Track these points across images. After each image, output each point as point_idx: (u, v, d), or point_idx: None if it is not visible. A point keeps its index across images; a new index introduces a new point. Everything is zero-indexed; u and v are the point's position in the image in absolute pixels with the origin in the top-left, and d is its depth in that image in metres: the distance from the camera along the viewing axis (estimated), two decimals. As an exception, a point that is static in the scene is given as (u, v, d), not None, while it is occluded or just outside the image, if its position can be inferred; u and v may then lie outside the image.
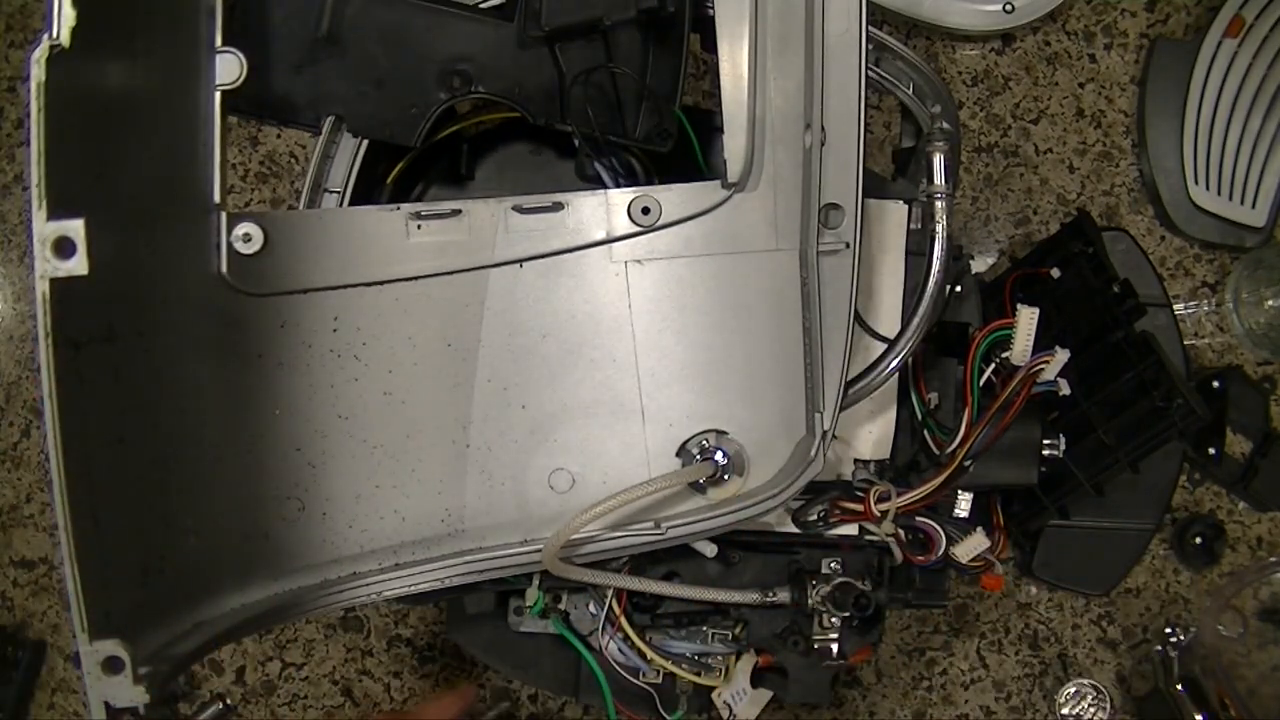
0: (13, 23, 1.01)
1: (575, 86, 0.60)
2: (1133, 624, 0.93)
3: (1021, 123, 0.96)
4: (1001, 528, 0.76)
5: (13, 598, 0.97)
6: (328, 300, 0.57)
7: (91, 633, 0.45)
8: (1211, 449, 0.89)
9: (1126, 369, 0.78)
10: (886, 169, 0.77)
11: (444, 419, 0.59)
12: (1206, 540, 0.91)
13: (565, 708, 0.94)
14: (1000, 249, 0.96)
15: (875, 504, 0.63)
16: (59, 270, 0.43)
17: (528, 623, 0.68)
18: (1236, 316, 0.92)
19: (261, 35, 0.59)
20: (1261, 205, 0.92)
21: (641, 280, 0.58)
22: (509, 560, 0.58)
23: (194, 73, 0.53)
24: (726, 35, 0.56)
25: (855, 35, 0.53)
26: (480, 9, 0.62)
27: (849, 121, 0.54)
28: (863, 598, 0.65)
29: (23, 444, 0.98)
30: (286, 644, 0.96)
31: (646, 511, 0.58)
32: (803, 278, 0.56)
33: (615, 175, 0.63)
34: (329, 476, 0.58)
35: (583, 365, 0.59)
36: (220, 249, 0.54)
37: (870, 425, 0.65)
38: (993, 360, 0.65)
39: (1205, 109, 0.92)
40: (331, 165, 0.62)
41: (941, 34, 0.96)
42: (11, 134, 1.00)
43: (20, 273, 1.00)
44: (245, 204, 0.99)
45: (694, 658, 0.68)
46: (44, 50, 0.43)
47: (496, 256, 0.58)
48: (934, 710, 0.93)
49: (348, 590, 0.58)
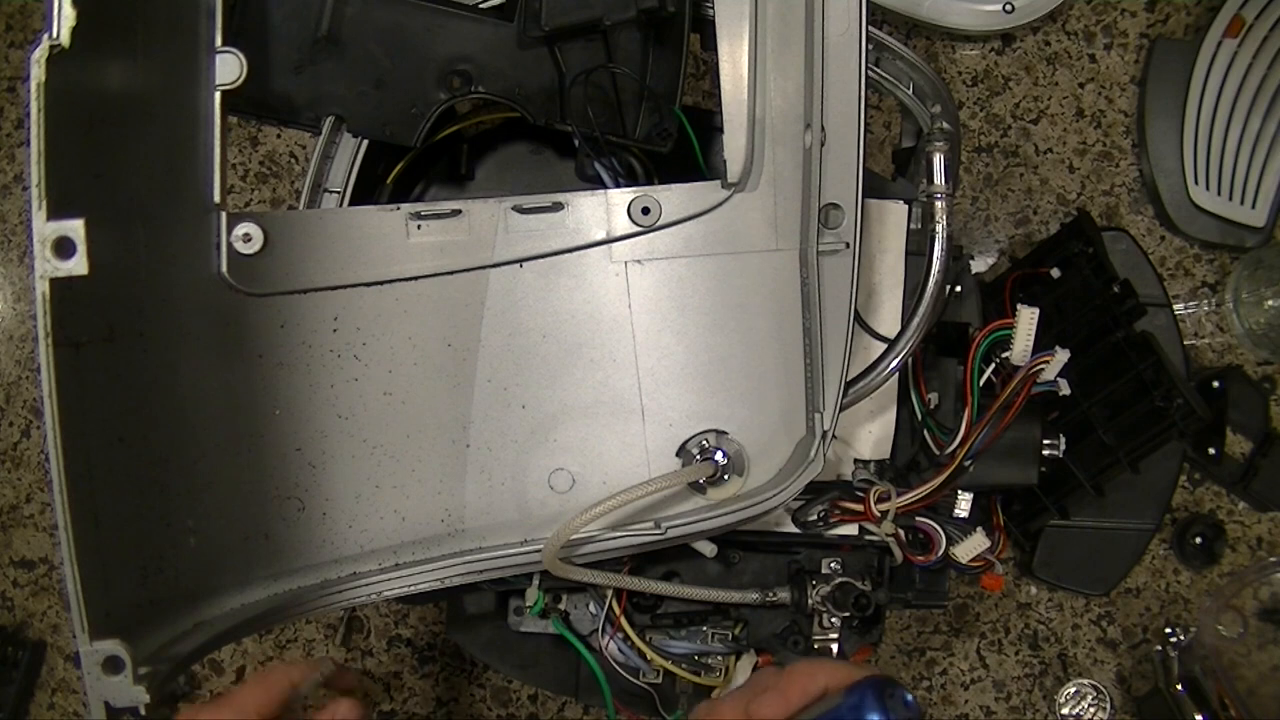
0: (13, 23, 1.01)
1: (575, 86, 0.60)
2: (1133, 624, 0.93)
3: (1021, 123, 0.96)
4: (1001, 528, 0.76)
5: (13, 598, 0.97)
6: (328, 300, 0.57)
7: (91, 633, 0.45)
8: (1211, 449, 0.89)
9: (1126, 369, 0.78)
10: (886, 169, 0.77)
11: (444, 419, 0.59)
12: (1206, 540, 0.91)
13: (565, 708, 0.94)
14: (1000, 249, 0.96)
15: (875, 504, 0.63)
16: (59, 270, 0.43)
17: (528, 623, 0.68)
18: (1236, 316, 0.92)
19: (261, 35, 0.59)
20: (1261, 205, 0.92)
21: (641, 280, 0.58)
22: (509, 560, 0.58)
23: (194, 73, 0.53)
24: (726, 35, 0.56)
25: (855, 35, 0.54)
26: (480, 9, 0.62)
27: (849, 121, 0.54)
28: (863, 598, 0.65)
29: (23, 444, 0.98)
30: (286, 644, 0.96)
31: (646, 511, 0.58)
32: (803, 278, 0.56)
33: (615, 175, 0.63)
34: (329, 476, 0.58)
35: (582, 365, 0.59)
36: (220, 249, 0.54)
37: (870, 425, 0.65)
38: (993, 360, 0.65)
39: (1205, 109, 0.92)
40: (331, 165, 0.63)
41: (941, 34, 0.96)
42: (11, 134, 1.00)
43: (20, 273, 1.00)
44: (245, 204, 0.99)
45: (694, 658, 0.68)
46: (44, 50, 0.43)
47: (496, 256, 0.58)
48: (934, 710, 0.93)
49: (348, 590, 0.58)
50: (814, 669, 0.47)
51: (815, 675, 0.46)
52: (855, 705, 0.43)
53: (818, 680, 0.46)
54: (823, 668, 0.47)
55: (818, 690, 0.46)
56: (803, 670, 0.47)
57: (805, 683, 0.46)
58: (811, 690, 0.46)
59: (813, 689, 0.46)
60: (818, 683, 0.46)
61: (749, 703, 0.47)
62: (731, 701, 0.49)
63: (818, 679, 0.46)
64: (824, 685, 0.46)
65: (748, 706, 0.47)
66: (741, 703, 0.47)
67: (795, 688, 0.46)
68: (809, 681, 0.46)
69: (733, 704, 0.48)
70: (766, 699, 0.46)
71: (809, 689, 0.46)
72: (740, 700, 0.48)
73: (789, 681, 0.46)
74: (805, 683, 0.46)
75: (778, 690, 0.46)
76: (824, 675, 0.46)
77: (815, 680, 0.46)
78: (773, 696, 0.46)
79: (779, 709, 0.46)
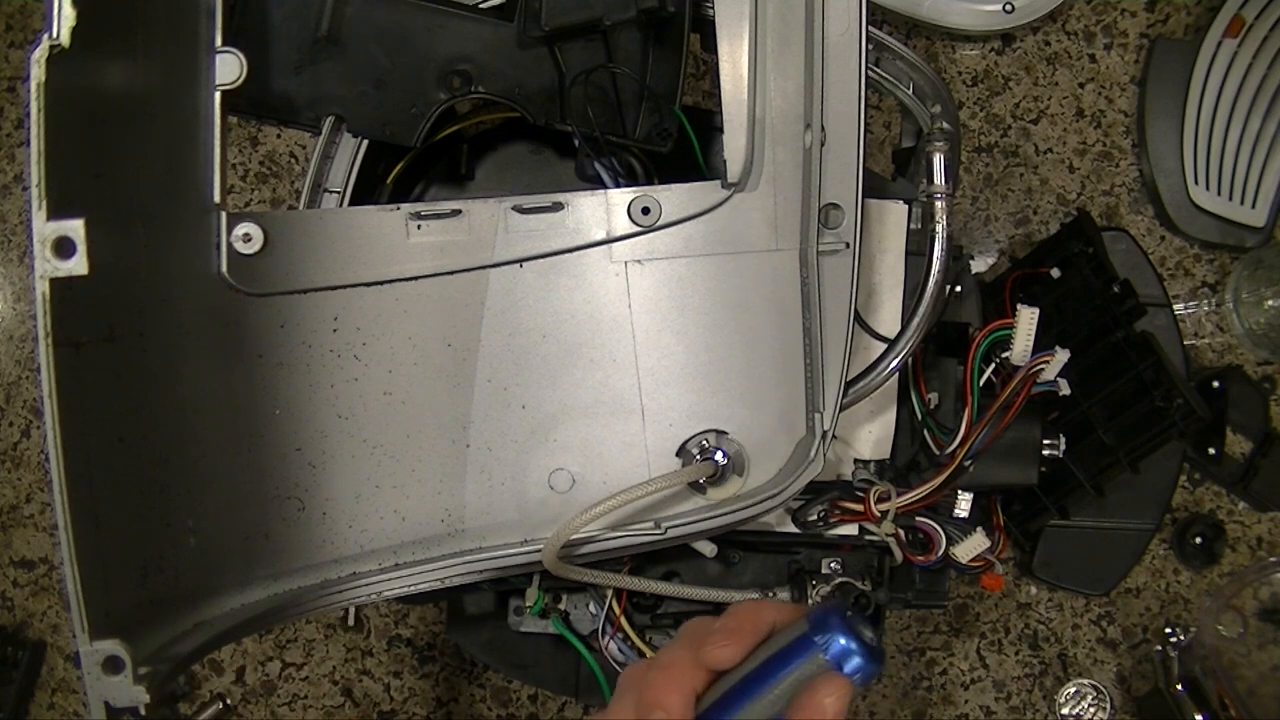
0: (13, 23, 1.01)
1: (575, 86, 0.60)
2: (1133, 624, 0.93)
3: (1021, 123, 0.96)
4: (1001, 528, 0.76)
5: (13, 598, 0.97)
6: (328, 300, 0.57)
7: (91, 633, 0.45)
8: (1211, 449, 0.89)
9: (1126, 369, 0.78)
10: (886, 169, 0.77)
11: (444, 419, 0.59)
12: (1206, 540, 0.91)
13: (565, 708, 0.94)
14: (1000, 249, 0.96)
15: (875, 504, 0.63)
16: (59, 270, 0.43)
17: (528, 623, 0.68)
18: (1236, 316, 0.92)
19: (261, 35, 0.59)
20: (1261, 205, 0.92)
21: (641, 280, 0.58)
22: (509, 560, 0.58)
23: (194, 73, 0.53)
24: (726, 35, 0.56)
25: (855, 35, 0.53)
26: (480, 9, 0.62)
27: (849, 121, 0.54)
28: (863, 598, 0.65)
29: (23, 444, 0.98)
30: (286, 644, 0.96)
31: (646, 511, 0.58)
32: (803, 278, 0.56)
33: (615, 175, 0.63)
34: (329, 476, 0.58)
35: (583, 365, 0.59)
36: (220, 249, 0.54)
37: (870, 425, 0.65)
38: (993, 360, 0.65)
39: (1205, 109, 0.92)
40: (331, 165, 0.63)
41: (941, 34, 0.96)
42: (11, 134, 1.00)
43: (20, 273, 1.00)
44: (245, 204, 0.99)
45: (694, 658, 0.68)
46: (44, 50, 0.43)
47: (496, 256, 0.58)
48: (934, 710, 0.93)
49: (348, 590, 0.58)
50: (756, 606, 0.45)
51: (760, 610, 0.44)
52: (821, 629, 0.41)
53: (765, 615, 0.44)
54: (765, 604, 0.45)
55: (767, 626, 0.44)
56: (745, 609, 0.45)
57: (754, 621, 0.44)
58: (761, 626, 0.44)
59: (762, 625, 0.44)
60: (765, 618, 0.44)
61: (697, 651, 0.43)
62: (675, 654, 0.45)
63: (765, 616, 0.44)
64: (771, 622, 0.44)
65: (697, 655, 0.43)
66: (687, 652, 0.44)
67: (746, 627, 0.43)
68: (757, 619, 0.44)
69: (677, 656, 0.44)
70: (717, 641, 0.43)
71: (759, 625, 0.44)
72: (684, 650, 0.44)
73: (736, 622, 0.44)
74: (754, 621, 0.44)
75: (726, 632, 0.43)
76: (770, 611, 0.44)
77: (763, 616, 0.44)
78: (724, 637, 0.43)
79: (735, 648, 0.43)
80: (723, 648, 0.43)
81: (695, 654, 0.44)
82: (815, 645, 0.41)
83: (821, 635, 0.41)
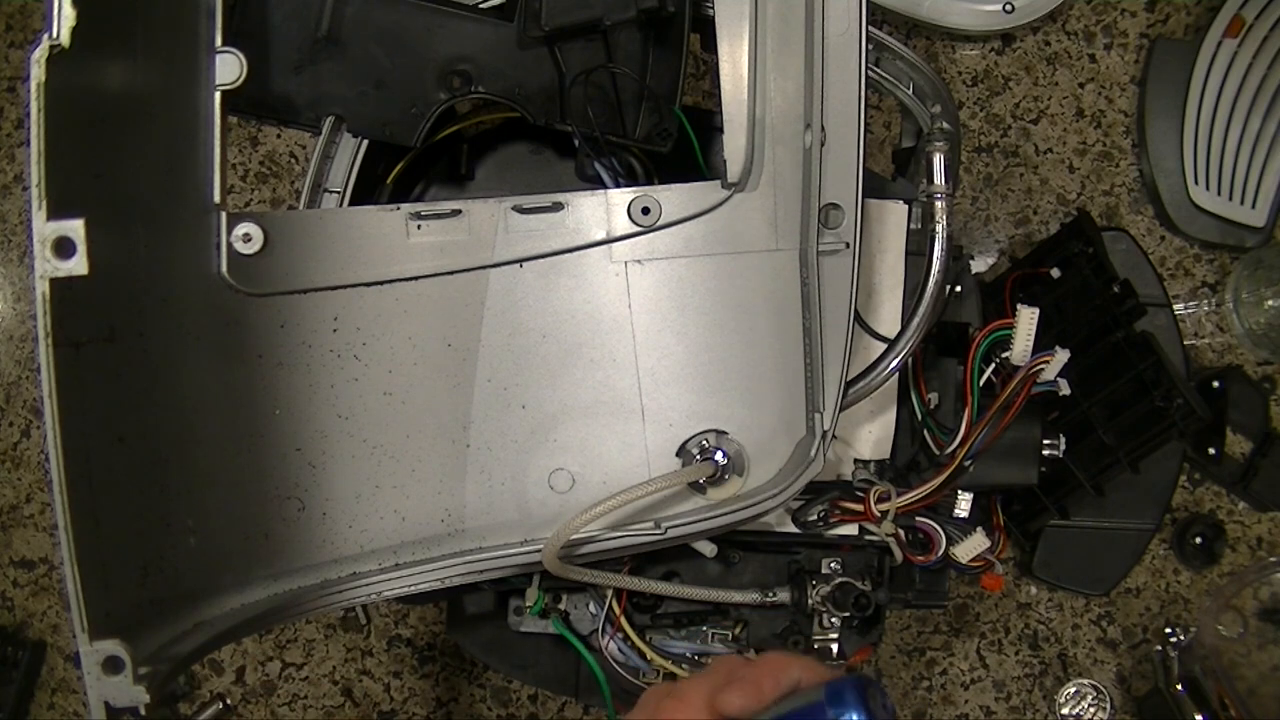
0: (13, 23, 1.01)
1: (575, 86, 0.60)
2: (1133, 624, 0.93)
3: (1021, 123, 0.96)
4: (1001, 528, 0.76)
5: (13, 598, 0.97)
6: (328, 300, 0.57)
7: (91, 633, 0.45)
8: (1211, 449, 0.89)
9: (1126, 369, 0.78)
10: (886, 169, 0.77)
11: (444, 419, 0.59)
12: (1206, 540, 0.91)
13: (565, 708, 0.94)
14: (1000, 249, 0.96)
15: (875, 504, 0.63)
16: (59, 270, 0.43)
17: (528, 623, 0.68)
18: (1236, 316, 0.92)
19: (261, 35, 0.59)
20: (1261, 205, 0.92)
21: (641, 280, 0.58)
22: (509, 560, 0.58)
23: (194, 73, 0.53)
24: (726, 35, 0.56)
25: (855, 35, 0.53)
26: (480, 9, 0.62)
27: (849, 121, 0.54)
28: (863, 598, 0.65)
29: (23, 444, 0.98)
30: (286, 644, 0.96)
31: (646, 511, 0.58)
32: (803, 278, 0.56)
33: (615, 175, 0.63)
34: (329, 476, 0.58)
35: (583, 365, 0.59)
36: (220, 249, 0.54)
37: (870, 425, 0.65)
38: (993, 360, 0.65)
39: (1205, 109, 0.92)
40: (331, 165, 0.63)
41: (941, 34, 0.96)
42: (11, 134, 1.00)
43: (20, 273, 1.00)
44: (245, 204, 0.99)
45: (694, 658, 0.68)
46: (44, 50, 0.43)
47: (496, 256, 0.58)
48: (934, 710, 0.93)
49: (348, 590, 0.58)
50: (786, 661, 0.44)
51: (787, 668, 0.44)
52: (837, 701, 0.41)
53: (790, 673, 0.44)
54: (795, 661, 0.44)
55: (790, 684, 0.43)
56: (774, 661, 0.44)
57: (777, 674, 0.43)
58: (784, 683, 0.43)
59: (785, 682, 0.43)
60: (790, 675, 0.43)
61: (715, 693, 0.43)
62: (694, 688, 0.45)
63: (790, 672, 0.44)
64: (796, 679, 0.44)
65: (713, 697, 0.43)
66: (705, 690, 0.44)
67: (767, 679, 0.43)
68: (781, 673, 0.43)
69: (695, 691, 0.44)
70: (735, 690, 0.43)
71: (781, 681, 0.43)
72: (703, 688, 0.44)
73: (760, 672, 0.44)
74: (777, 674, 0.43)
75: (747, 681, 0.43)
76: (796, 669, 0.44)
77: (788, 673, 0.43)
78: (742, 688, 0.43)
79: (750, 700, 0.43)
80: (740, 697, 0.43)
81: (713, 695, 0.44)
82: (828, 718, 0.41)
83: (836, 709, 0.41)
